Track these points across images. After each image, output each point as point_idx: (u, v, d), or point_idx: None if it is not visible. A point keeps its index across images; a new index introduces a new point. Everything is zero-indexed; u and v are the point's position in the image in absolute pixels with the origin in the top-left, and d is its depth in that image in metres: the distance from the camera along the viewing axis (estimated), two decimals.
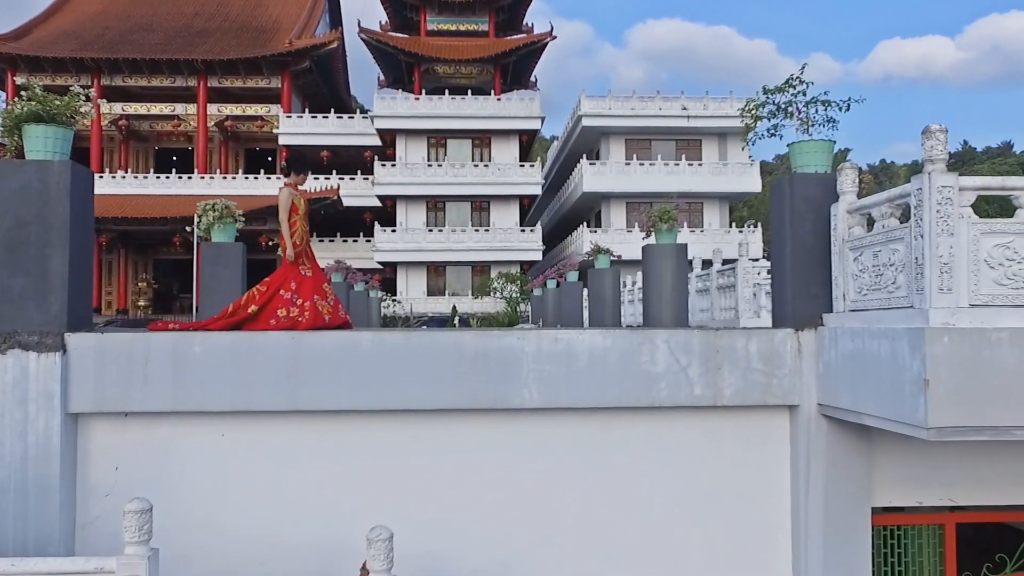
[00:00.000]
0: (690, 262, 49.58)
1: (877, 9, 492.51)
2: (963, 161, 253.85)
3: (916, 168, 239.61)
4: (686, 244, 15.96)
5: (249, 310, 9.14)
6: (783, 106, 9.16)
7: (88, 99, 8.97)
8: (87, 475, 8.36)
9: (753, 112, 9.48)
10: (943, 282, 6.63)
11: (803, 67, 9.16)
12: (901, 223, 7.50)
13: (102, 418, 8.39)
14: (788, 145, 9.23)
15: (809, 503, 8.64)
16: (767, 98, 9.31)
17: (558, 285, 32.93)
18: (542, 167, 65.98)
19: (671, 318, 15.35)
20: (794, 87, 9.18)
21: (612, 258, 22.92)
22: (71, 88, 8.88)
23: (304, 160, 9.98)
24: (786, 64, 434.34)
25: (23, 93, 8.59)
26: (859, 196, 8.42)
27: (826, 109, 9.07)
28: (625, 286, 26.41)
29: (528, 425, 8.73)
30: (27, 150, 8.45)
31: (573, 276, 29.49)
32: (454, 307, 53.64)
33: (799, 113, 9.12)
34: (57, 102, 8.55)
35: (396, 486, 8.58)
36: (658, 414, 8.79)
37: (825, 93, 9.06)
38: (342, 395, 8.36)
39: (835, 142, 9.19)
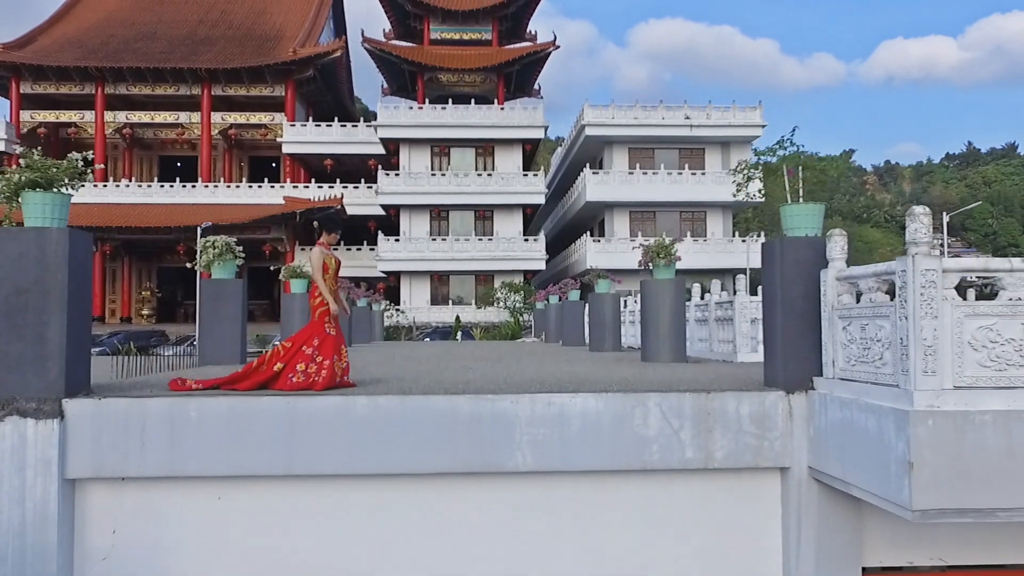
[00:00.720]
0: (688, 291, 49.76)
1: (879, 9, 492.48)
2: (967, 162, 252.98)
3: (921, 170, 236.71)
4: (684, 280, 16.08)
5: (275, 368, 9.24)
6: (774, 168, 9.24)
7: (88, 163, 9.00)
8: (84, 540, 8.46)
9: (745, 172, 9.57)
10: (927, 364, 6.71)
11: (793, 130, 9.30)
12: (888, 296, 7.58)
13: (100, 483, 8.49)
14: (779, 208, 9.30)
15: (800, 564, 8.73)
16: (759, 160, 9.39)
17: (560, 300, 33.19)
18: (545, 173, 66.10)
19: (669, 353, 15.49)
20: (784, 148, 9.27)
21: (613, 281, 23.08)
22: (69, 156, 8.88)
23: (336, 221, 10.12)
24: (789, 64, 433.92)
25: (22, 161, 8.66)
26: (860, 198, 8.48)
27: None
28: (626, 305, 26.38)
29: (521, 488, 8.82)
30: (25, 216, 8.55)
31: (575, 295, 29.70)
32: (457, 317, 53.71)
33: (789, 175, 9.21)
34: (55, 169, 8.61)
35: (391, 549, 8.68)
36: (650, 476, 8.87)
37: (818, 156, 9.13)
38: (337, 459, 8.45)
39: (825, 204, 9.24)
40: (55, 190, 8.70)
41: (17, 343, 8.30)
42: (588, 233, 59.54)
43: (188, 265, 19.00)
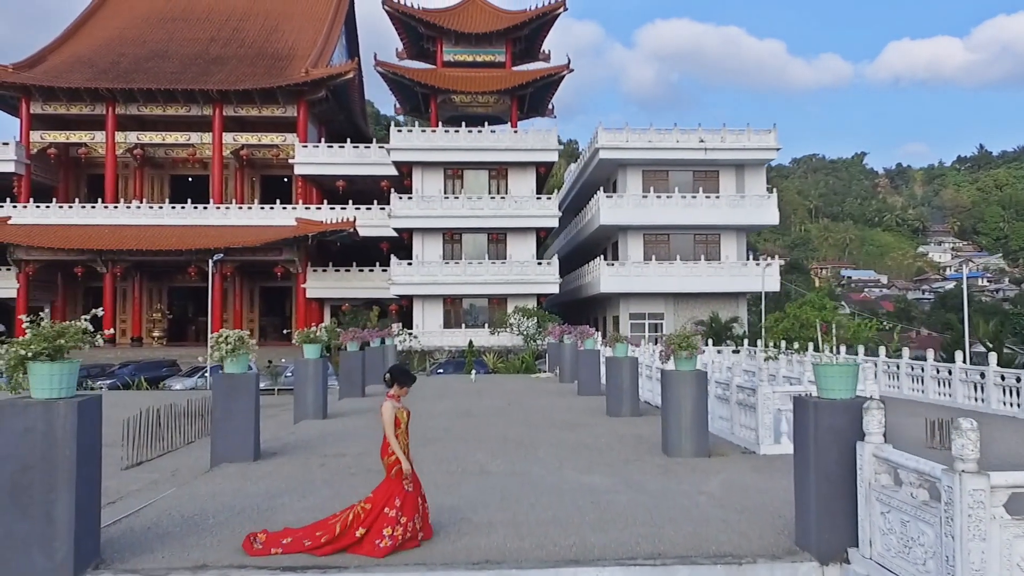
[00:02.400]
0: (705, 325, 49.08)
1: (886, 10, 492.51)
2: (979, 165, 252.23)
3: (932, 173, 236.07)
4: (705, 372, 15.77)
5: (356, 534, 8.94)
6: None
7: (99, 322, 8.72)
8: None
9: (777, 335, 9.26)
10: None
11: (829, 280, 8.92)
12: (929, 494, 7.27)
13: None
14: (813, 366, 8.99)
15: None
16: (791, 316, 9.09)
17: (576, 343, 33.09)
18: (557, 190, 65.82)
19: (691, 446, 15.20)
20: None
21: (631, 345, 22.80)
22: (76, 325, 8.59)
23: (409, 373, 9.63)
24: (796, 64, 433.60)
25: (28, 328, 8.37)
26: (872, 201, 8.17)
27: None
28: (641, 364, 26.03)
29: None
30: (32, 387, 8.29)
31: (591, 343, 29.51)
32: (470, 342, 53.37)
33: (823, 330, 8.90)
34: (62, 342, 8.33)
35: None
36: None
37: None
38: None
39: (859, 366, 8.93)
40: (64, 357, 8.43)
41: (23, 522, 8.05)
42: (602, 256, 59.22)
43: (200, 358, 18.60)
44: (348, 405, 25.48)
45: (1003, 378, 22.64)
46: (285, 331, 54.38)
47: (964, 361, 25.04)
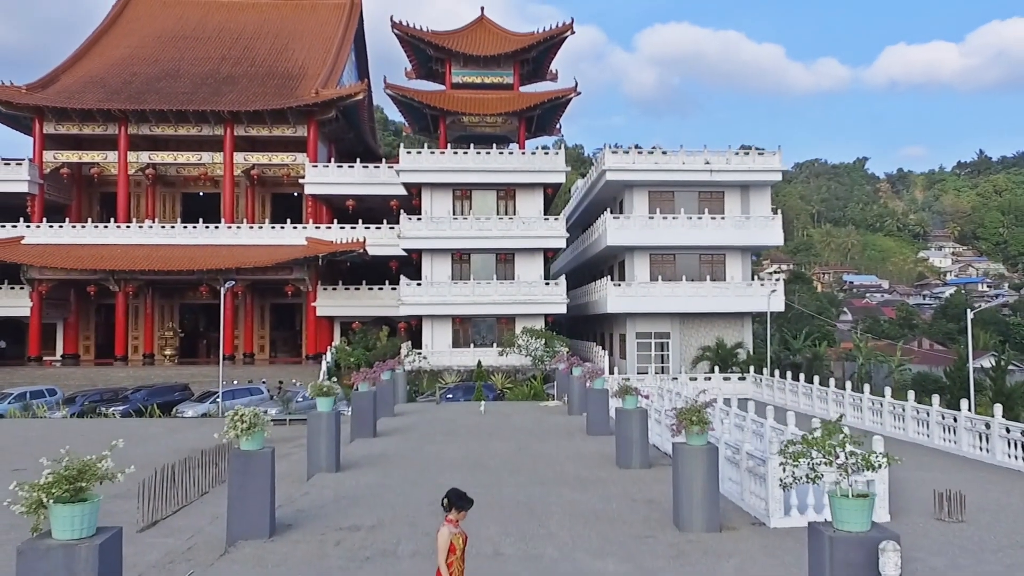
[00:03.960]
0: (710, 351, 49.12)
1: (882, 15, 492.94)
2: (979, 171, 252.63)
3: (933, 178, 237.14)
4: (716, 447, 15.68)
5: None
6: (823, 454, 8.87)
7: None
8: None
9: (792, 463, 9.19)
10: None
11: (840, 416, 8.86)
12: None
13: None
14: (828, 495, 8.92)
15: None
16: (806, 449, 9.02)
17: (577, 373, 33.21)
18: (566, 204, 65.74)
19: (702, 521, 15.15)
20: (832, 437, 8.90)
21: (640, 397, 22.76)
22: (97, 465, 8.53)
23: (466, 497, 9.16)
24: (795, 68, 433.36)
25: (50, 475, 8.29)
26: (873, 206, 8.11)
27: (863, 468, 8.75)
28: (651, 407, 25.97)
29: None
30: (54, 528, 8.25)
31: (600, 383, 29.45)
32: (479, 363, 53.37)
33: (838, 461, 8.84)
34: (83, 484, 8.28)
35: None
36: None
37: (860, 446, 8.75)
38: None
39: (875, 495, 8.87)
40: (85, 498, 8.38)
41: None
42: (608, 276, 59.11)
43: (219, 435, 18.39)
44: (360, 449, 25.45)
45: (1008, 430, 22.52)
46: (296, 345, 54.37)
47: (969, 409, 24.95)
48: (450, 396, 46.59)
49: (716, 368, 51.68)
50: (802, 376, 65.10)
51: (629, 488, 19.27)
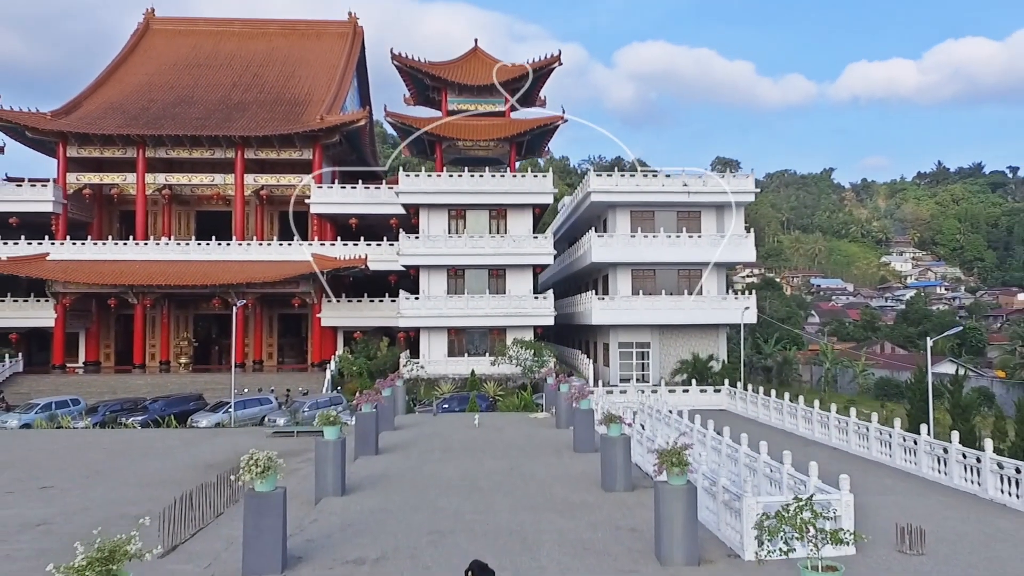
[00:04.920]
0: (688, 363, 49.27)
1: (845, 34, 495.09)
2: (937, 180, 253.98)
3: (895, 187, 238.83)
4: (695, 488, 15.81)
5: None
6: (796, 526, 9.00)
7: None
8: None
9: (765, 537, 9.32)
10: None
11: (810, 496, 9.00)
12: None
13: None
14: (800, 567, 9.06)
15: None
16: (778, 524, 9.15)
17: (565, 389, 33.35)
18: (552, 220, 65.83)
19: (682, 555, 15.28)
20: (802, 505, 9.04)
21: (624, 424, 22.88)
22: (128, 544, 8.63)
23: (488, 568, 9.38)
24: (764, 84, 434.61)
25: (84, 559, 8.39)
26: (838, 214, 8.24)
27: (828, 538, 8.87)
28: (634, 424, 26.13)
29: None
30: None
31: (586, 404, 29.55)
32: (472, 371, 53.57)
33: (808, 533, 8.98)
34: (114, 567, 8.39)
35: None
36: None
37: (833, 513, 8.88)
38: None
39: (843, 568, 9.01)
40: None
41: None
42: (593, 289, 59.41)
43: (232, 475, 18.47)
44: (363, 468, 25.54)
45: (964, 456, 22.68)
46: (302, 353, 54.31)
47: (928, 433, 25.13)
48: (446, 406, 46.65)
49: (693, 381, 52.04)
50: (774, 379, 65.89)
51: (614, 514, 19.39)
